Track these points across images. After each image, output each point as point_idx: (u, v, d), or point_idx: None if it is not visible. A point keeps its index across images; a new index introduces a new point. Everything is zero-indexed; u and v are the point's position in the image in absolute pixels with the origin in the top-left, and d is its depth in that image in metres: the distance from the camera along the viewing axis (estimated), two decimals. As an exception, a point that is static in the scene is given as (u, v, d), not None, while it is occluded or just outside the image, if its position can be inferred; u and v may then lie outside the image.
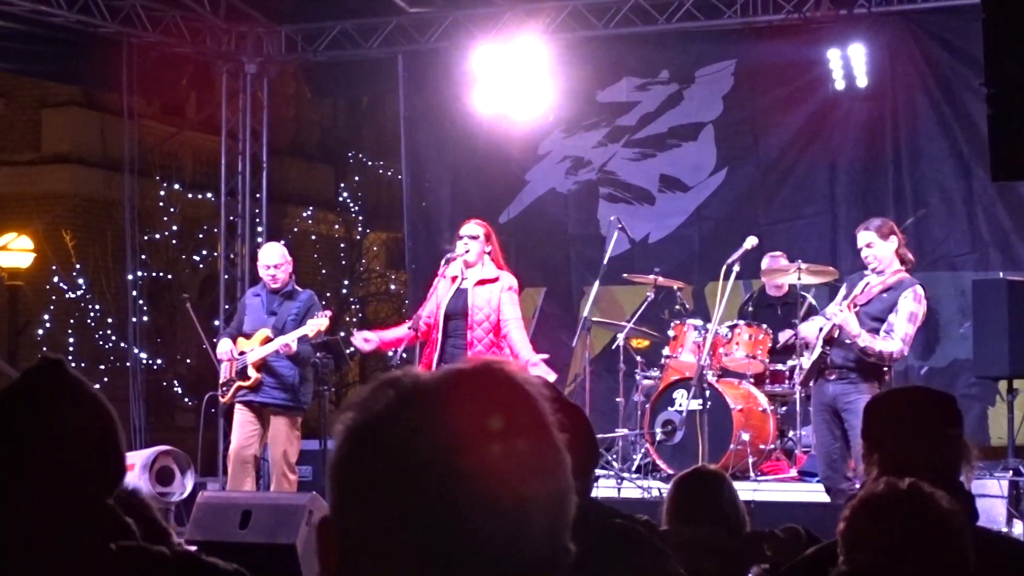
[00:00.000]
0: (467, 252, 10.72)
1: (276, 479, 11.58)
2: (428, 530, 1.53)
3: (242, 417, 11.72)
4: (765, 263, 12.95)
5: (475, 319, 10.62)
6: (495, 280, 10.75)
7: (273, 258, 11.84)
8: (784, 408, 12.46)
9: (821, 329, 10.02)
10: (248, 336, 11.73)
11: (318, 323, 11.34)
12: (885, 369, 9.95)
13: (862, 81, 13.80)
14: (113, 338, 21.56)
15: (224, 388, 11.84)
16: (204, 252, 22.68)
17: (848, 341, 9.81)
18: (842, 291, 10.20)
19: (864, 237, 9.99)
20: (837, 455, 9.87)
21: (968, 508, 4.25)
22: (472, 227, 10.93)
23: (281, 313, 11.69)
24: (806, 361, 10.32)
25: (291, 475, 11.54)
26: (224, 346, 11.78)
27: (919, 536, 3.51)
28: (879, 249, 9.95)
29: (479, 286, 10.66)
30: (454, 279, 10.78)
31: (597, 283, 12.67)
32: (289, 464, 11.54)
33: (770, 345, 12.36)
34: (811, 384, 10.26)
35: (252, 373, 11.57)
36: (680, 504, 5.41)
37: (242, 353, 11.66)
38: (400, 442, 1.55)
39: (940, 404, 4.48)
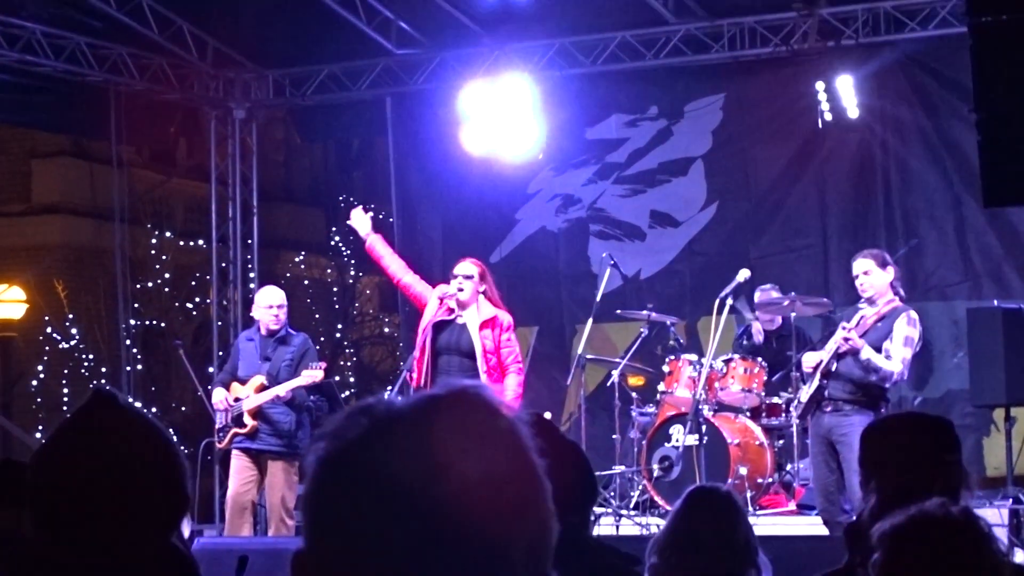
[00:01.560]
0: (460, 291, 10.74)
1: (275, 525, 11.55)
2: (405, 560, 1.49)
3: (239, 463, 11.69)
4: (757, 296, 12.93)
5: (488, 363, 10.68)
6: (495, 320, 10.81)
7: (276, 298, 11.87)
8: (781, 441, 12.42)
9: (821, 361, 10.00)
10: (243, 382, 11.70)
11: (312, 375, 11.38)
12: (882, 401, 9.95)
13: (851, 112, 13.81)
14: (107, 387, 21.47)
15: (220, 435, 11.82)
16: (197, 299, 22.62)
17: (845, 371, 9.83)
18: (840, 329, 10.14)
19: (861, 265, 10.01)
20: (833, 488, 9.84)
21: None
22: (467, 266, 10.96)
23: (275, 359, 11.67)
24: (804, 394, 10.29)
25: (289, 520, 11.49)
26: (218, 395, 11.76)
27: (967, 559, 3.42)
28: (875, 278, 9.98)
29: (484, 329, 10.69)
30: (449, 310, 10.79)
31: (591, 321, 12.64)
32: (287, 509, 11.50)
33: (765, 378, 12.33)
34: (809, 417, 10.24)
35: (248, 420, 11.56)
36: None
37: (237, 400, 11.63)
38: (375, 471, 1.51)
39: (937, 430, 4.46)
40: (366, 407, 1.57)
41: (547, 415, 12.85)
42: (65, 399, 21.76)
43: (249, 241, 16.59)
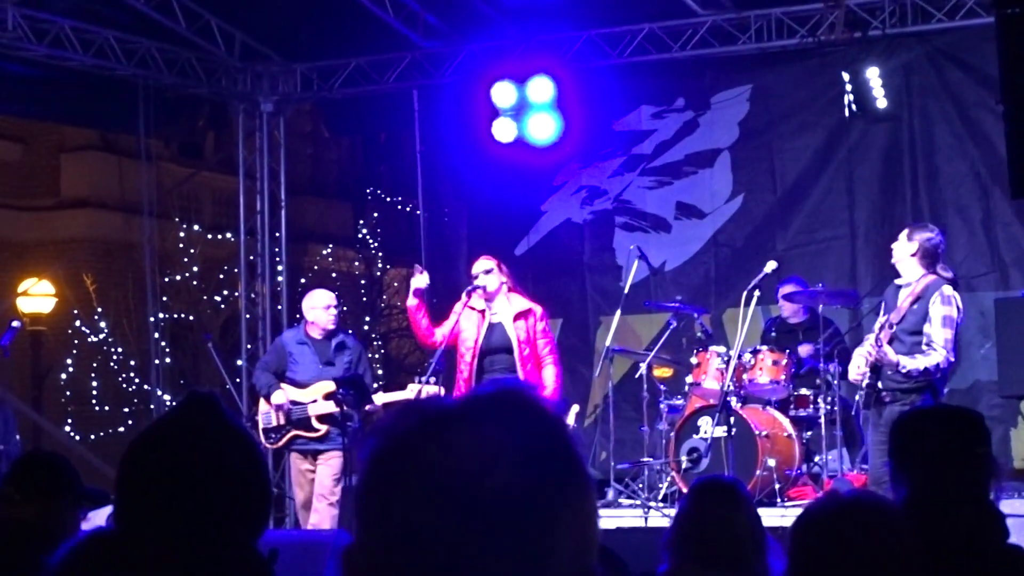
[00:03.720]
0: (485, 286, 10.97)
1: (316, 506, 11.56)
2: (454, 556, 1.50)
3: (302, 468, 11.80)
4: (783, 289, 12.90)
5: (522, 354, 10.97)
6: (530, 311, 11.15)
7: (332, 298, 12.01)
8: (809, 433, 12.39)
9: (859, 366, 9.94)
10: (302, 385, 11.71)
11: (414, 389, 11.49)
12: (941, 383, 9.86)
13: (878, 103, 13.75)
14: (136, 381, 21.54)
15: (273, 435, 11.82)
16: (225, 292, 22.68)
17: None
18: (881, 316, 10.06)
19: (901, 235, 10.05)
20: (887, 479, 9.75)
21: (999, 526, 4.21)
22: (482, 262, 11.31)
23: (338, 364, 11.72)
24: (853, 370, 10.16)
25: (335, 508, 11.55)
26: (280, 397, 11.72)
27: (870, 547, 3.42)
28: (898, 247, 10.00)
29: (517, 320, 10.89)
30: (482, 313, 11.01)
31: (619, 312, 12.63)
32: (335, 492, 11.58)
33: (793, 370, 12.30)
34: (870, 409, 10.17)
35: (318, 425, 11.59)
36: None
37: (296, 403, 11.65)
38: (424, 468, 1.53)
39: (968, 422, 4.43)
40: (417, 406, 1.60)
41: (575, 408, 12.89)
42: (94, 393, 21.85)
43: (277, 234, 16.60)
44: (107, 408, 21.77)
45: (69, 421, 21.12)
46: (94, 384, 22.07)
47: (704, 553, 4.54)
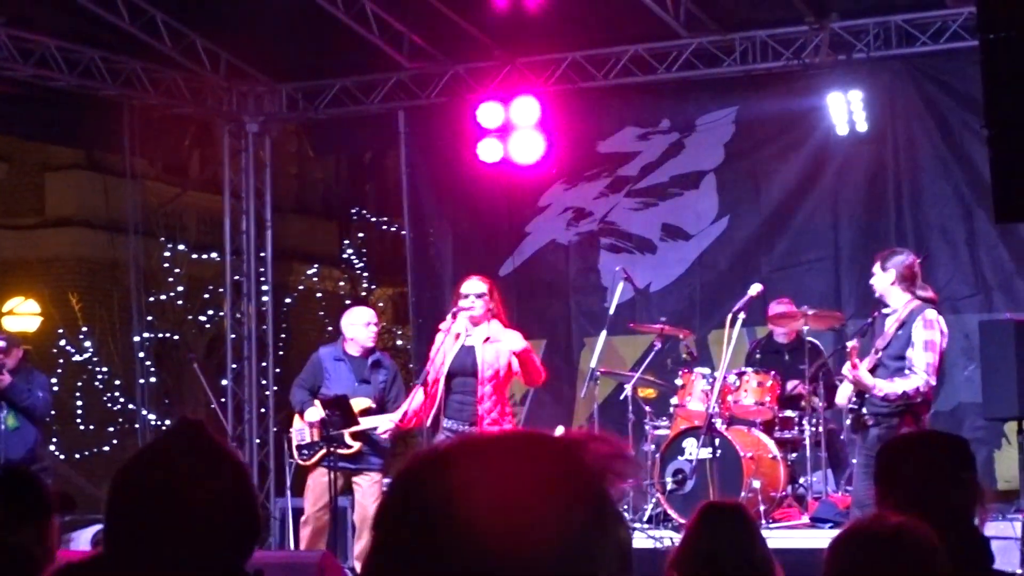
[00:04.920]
0: (472, 309, 10.64)
1: (368, 536, 11.48)
2: None
3: (322, 484, 11.66)
4: (771, 310, 12.93)
5: (485, 376, 10.50)
6: (500, 340, 10.65)
7: (373, 315, 12.09)
8: (794, 454, 12.40)
9: (845, 394, 9.96)
10: None
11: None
12: (922, 408, 9.83)
13: (862, 126, 13.80)
14: (121, 400, 21.50)
15: (304, 452, 11.77)
16: (210, 312, 22.63)
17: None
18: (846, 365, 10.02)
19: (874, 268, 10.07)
20: (870, 503, 9.74)
21: (983, 552, 4.21)
22: (476, 284, 10.72)
23: (374, 382, 11.71)
24: (841, 395, 10.18)
25: None
26: (314, 414, 11.66)
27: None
28: (876, 279, 10.04)
29: (487, 343, 10.60)
30: (457, 336, 10.69)
31: (604, 333, 12.63)
32: None
33: (778, 392, 12.32)
34: (856, 433, 10.19)
35: (351, 442, 11.52)
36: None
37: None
38: (422, 504, 1.59)
39: (953, 447, 4.44)
40: (432, 447, 1.67)
41: (559, 429, 12.87)
42: (79, 412, 21.78)
43: (263, 254, 16.59)
44: (92, 427, 21.71)
45: (54, 440, 21.05)
46: (79, 403, 22.00)
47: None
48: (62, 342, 22.11)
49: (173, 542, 2.64)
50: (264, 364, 16.42)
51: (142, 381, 16.96)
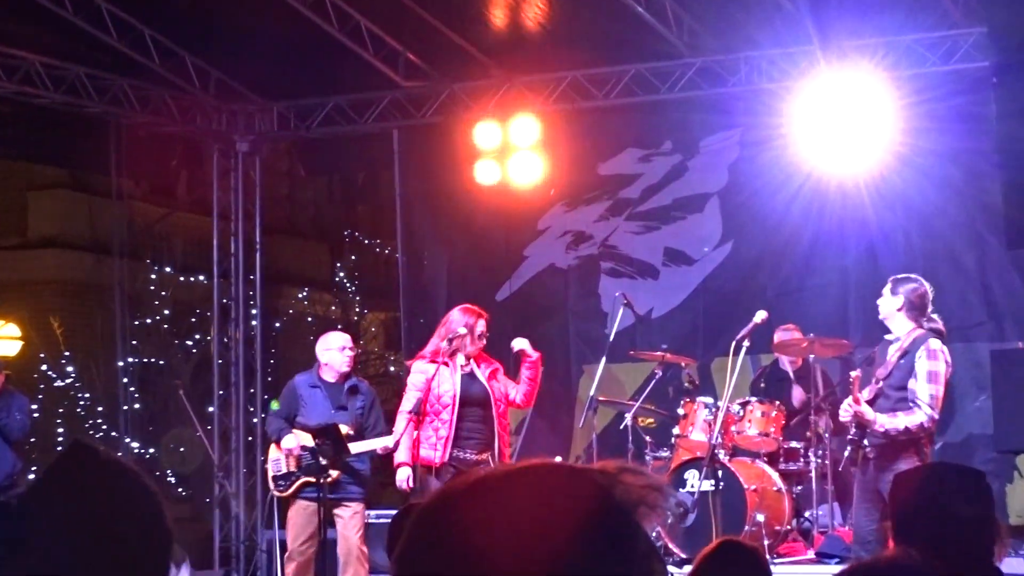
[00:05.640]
0: (482, 346, 11.22)
1: (354, 569, 11.47)
2: None
3: (304, 516, 11.63)
4: (778, 336, 12.89)
5: (499, 411, 11.12)
6: (496, 371, 11.29)
7: (348, 340, 12.06)
8: (799, 487, 12.36)
9: (845, 410, 9.92)
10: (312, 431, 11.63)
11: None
12: (924, 441, 9.77)
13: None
14: (104, 427, 21.45)
15: (281, 483, 11.74)
16: (197, 336, 22.61)
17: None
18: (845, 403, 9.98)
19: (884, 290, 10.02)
20: (872, 538, 9.71)
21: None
22: (483, 323, 11.25)
23: (351, 408, 11.69)
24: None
25: (366, 563, 11.49)
26: (290, 442, 11.63)
27: None
28: (884, 302, 9.98)
29: (493, 379, 11.15)
30: (462, 365, 11.05)
31: (604, 361, 12.59)
32: (364, 553, 11.52)
33: (783, 422, 12.28)
34: (855, 468, 10.13)
35: (330, 471, 11.45)
36: None
37: (307, 449, 11.56)
38: (463, 538, 1.60)
39: (969, 481, 4.40)
40: (459, 479, 1.71)
41: (557, 459, 12.82)
42: (59, 438, 21.71)
43: (252, 277, 16.56)
44: (73, 455, 21.60)
45: (33, 468, 20.97)
46: (60, 430, 21.93)
47: None
48: (43, 367, 22.07)
49: (85, 568, 2.58)
50: (252, 391, 16.38)
51: (126, 408, 16.93)
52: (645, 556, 1.62)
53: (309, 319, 26.16)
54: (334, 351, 11.86)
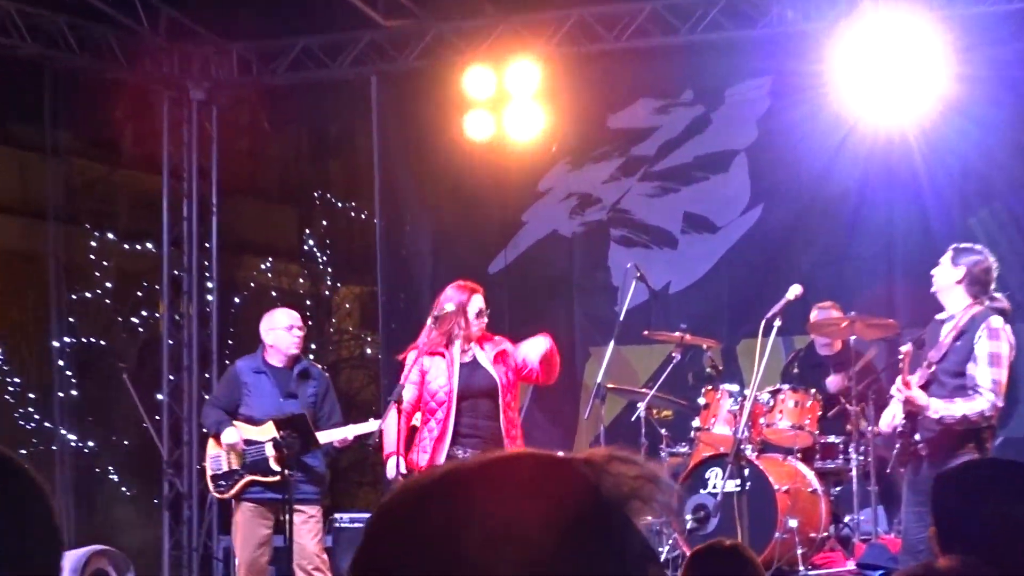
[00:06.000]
0: (482, 328, 10.97)
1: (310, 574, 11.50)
2: None
3: (253, 521, 11.68)
4: (814, 315, 12.91)
5: (505, 400, 10.89)
6: (504, 352, 10.98)
7: (296, 318, 11.97)
8: (838, 488, 12.41)
9: (894, 416, 9.89)
10: (259, 422, 11.61)
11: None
12: (987, 434, 9.70)
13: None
14: (36, 417, 21.48)
15: (221, 483, 11.74)
16: (144, 313, 22.62)
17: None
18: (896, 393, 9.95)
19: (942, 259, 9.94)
20: (924, 547, 9.69)
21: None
22: (481, 299, 11.00)
23: (302, 396, 11.69)
24: (884, 420, 10.12)
25: (328, 574, 11.52)
26: (232, 436, 11.62)
27: None
28: (940, 272, 9.88)
29: (501, 362, 10.90)
30: (461, 353, 10.86)
31: (613, 343, 12.62)
32: (324, 560, 11.56)
33: (820, 413, 12.31)
34: (903, 469, 10.08)
35: (275, 467, 11.42)
36: None
37: (251, 443, 11.60)
38: (434, 534, 1.61)
39: (1022, 478, 4.42)
40: (424, 475, 1.70)
41: (560, 455, 12.87)
42: (-14, 430, 21.77)
43: (207, 244, 16.61)
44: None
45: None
46: (-14, 420, 22.01)
47: None
48: (-34, 348, 22.12)
49: None
50: (207, 375, 16.42)
51: (61, 394, 16.97)
52: (640, 558, 1.65)
53: (273, 293, 26.14)
54: (280, 330, 11.83)
